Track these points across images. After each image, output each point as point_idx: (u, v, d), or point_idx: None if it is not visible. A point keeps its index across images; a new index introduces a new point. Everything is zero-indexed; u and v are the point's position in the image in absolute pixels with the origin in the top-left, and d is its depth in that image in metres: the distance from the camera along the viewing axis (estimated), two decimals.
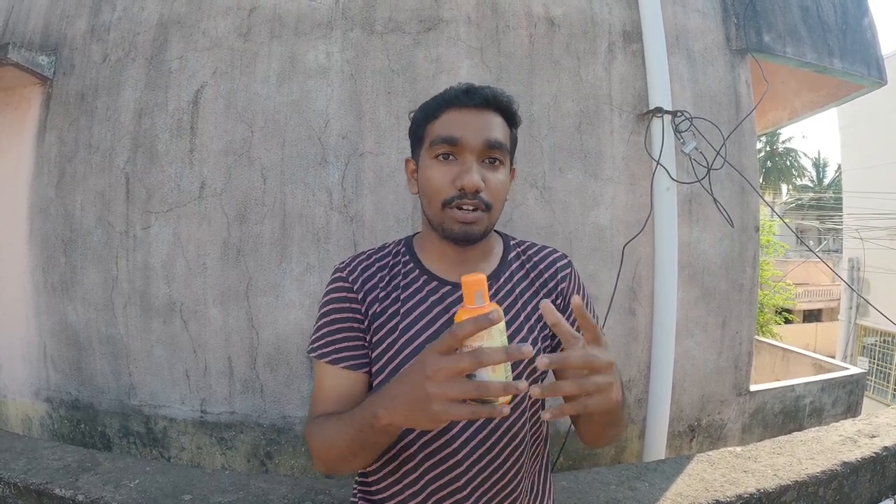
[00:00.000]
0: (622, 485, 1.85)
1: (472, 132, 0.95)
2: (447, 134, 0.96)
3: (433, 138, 0.98)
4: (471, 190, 0.94)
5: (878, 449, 2.00)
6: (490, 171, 0.97)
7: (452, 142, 0.95)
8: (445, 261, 1.04)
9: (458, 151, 0.96)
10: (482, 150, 0.96)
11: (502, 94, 1.00)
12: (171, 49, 2.61)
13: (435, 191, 0.97)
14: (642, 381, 2.63)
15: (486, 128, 0.96)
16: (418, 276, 1.04)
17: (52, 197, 2.77)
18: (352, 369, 1.00)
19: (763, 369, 5.20)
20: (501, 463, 0.98)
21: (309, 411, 1.04)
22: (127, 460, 1.99)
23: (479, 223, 0.96)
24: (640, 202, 2.60)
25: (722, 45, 2.89)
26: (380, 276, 1.04)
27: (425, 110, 1.02)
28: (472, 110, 0.97)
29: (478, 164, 0.96)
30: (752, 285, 2.91)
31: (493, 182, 0.97)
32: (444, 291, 1.02)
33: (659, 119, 2.55)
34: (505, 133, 1.00)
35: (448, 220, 0.97)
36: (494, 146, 0.96)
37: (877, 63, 3.40)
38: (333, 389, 0.99)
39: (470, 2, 2.50)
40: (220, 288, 2.48)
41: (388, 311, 1.01)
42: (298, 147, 2.44)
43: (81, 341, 2.71)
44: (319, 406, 1.00)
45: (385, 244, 1.12)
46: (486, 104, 0.98)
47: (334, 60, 2.46)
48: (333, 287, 1.05)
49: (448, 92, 1.00)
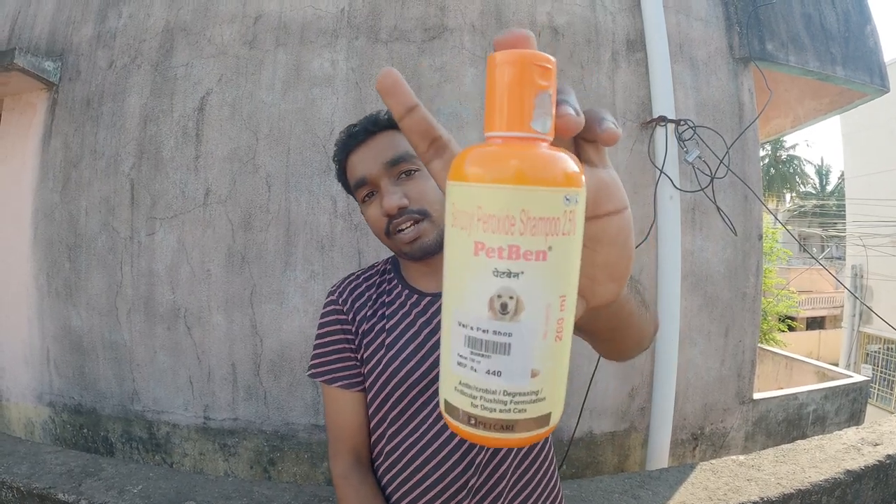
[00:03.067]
0: (625, 493, 1.85)
1: (370, 164, 0.98)
2: (356, 178, 1.00)
3: (353, 187, 1.03)
4: (392, 211, 0.96)
5: (881, 457, 2.00)
6: (408, 183, 0.98)
7: (363, 182, 0.99)
8: (422, 274, 1.06)
9: (373, 186, 0.99)
10: (389, 171, 0.98)
11: (379, 114, 1.03)
12: (176, 56, 2.63)
13: (375, 228, 1.01)
14: (645, 389, 2.63)
15: (381, 152, 0.99)
16: (401, 291, 1.07)
17: (56, 202, 2.78)
18: (346, 388, 1.04)
19: (766, 377, 5.19)
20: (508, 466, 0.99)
21: (329, 443, 1.07)
22: (130, 466, 1.99)
23: (424, 234, 0.97)
24: (644, 211, 2.61)
25: (725, 54, 2.90)
26: (367, 295, 1.09)
27: (337, 171, 1.07)
28: (363, 145, 1.00)
29: (393, 185, 0.98)
30: (755, 294, 2.90)
31: (414, 192, 0.98)
32: (425, 302, 1.03)
33: (662, 128, 2.56)
34: (406, 143, 1.01)
35: (399, 246, 0.99)
36: (396, 161, 0.98)
37: (879, 71, 3.40)
38: (343, 417, 1.05)
39: (474, 10, 2.52)
40: (224, 294, 2.49)
41: (375, 328, 1.04)
42: (303, 154, 2.45)
43: (85, 346, 2.71)
44: (337, 439, 1.05)
45: (376, 263, 1.16)
46: (370, 132, 1.00)
47: (339, 68, 2.47)
48: (326, 311, 1.10)
49: (338, 143, 1.05)
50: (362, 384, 1.05)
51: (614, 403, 2.58)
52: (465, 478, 0.97)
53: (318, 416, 2.42)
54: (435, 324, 1.02)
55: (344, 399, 1.04)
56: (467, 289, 0.31)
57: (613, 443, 2.62)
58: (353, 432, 1.04)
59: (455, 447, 0.98)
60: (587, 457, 2.59)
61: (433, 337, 1.01)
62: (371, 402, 1.03)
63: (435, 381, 0.99)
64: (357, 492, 1.00)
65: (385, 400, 1.01)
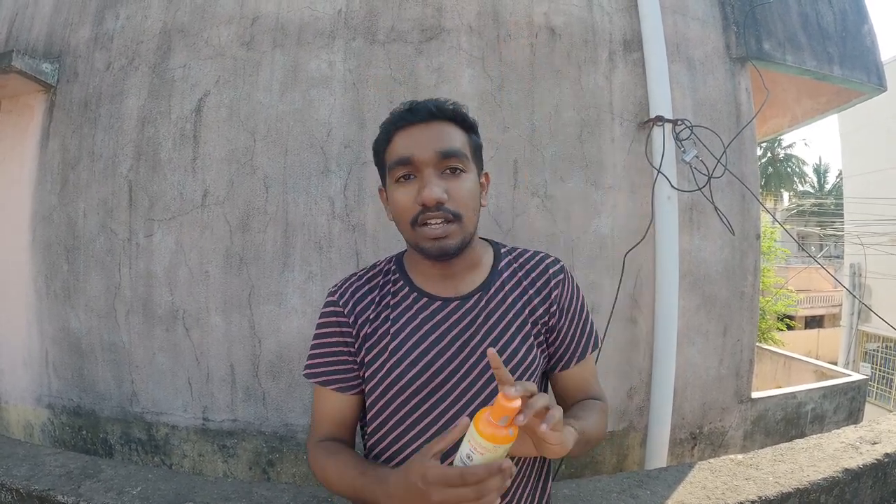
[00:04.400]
0: (624, 493, 1.85)
1: (423, 147, 0.94)
2: (399, 155, 0.96)
3: (390, 164, 0.98)
4: (431, 203, 0.92)
5: (879, 455, 2.00)
6: (452, 180, 0.95)
7: (406, 161, 0.95)
8: (433, 277, 1.04)
9: (415, 170, 0.95)
10: (438, 162, 0.95)
11: (446, 103, 0.99)
12: (174, 57, 2.63)
13: (401, 212, 0.97)
14: (644, 388, 2.63)
15: (436, 139, 0.95)
16: (408, 293, 1.04)
17: (55, 204, 2.78)
18: (341, 392, 1.03)
19: (765, 376, 5.19)
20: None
21: (310, 429, 1.07)
22: (129, 467, 1.98)
23: (451, 236, 0.95)
24: (641, 210, 2.61)
25: (722, 54, 2.90)
26: (370, 297, 1.05)
27: (377, 139, 1.03)
28: (420, 126, 0.96)
29: (437, 177, 0.94)
30: (753, 293, 2.91)
31: (456, 191, 0.95)
32: (434, 308, 1.02)
33: (660, 127, 2.56)
34: (461, 140, 0.99)
35: (420, 239, 0.96)
36: (449, 155, 0.95)
37: (876, 69, 3.41)
38: (327, 411, 1.04)
39: (471, 11, 2.52)
40: (222, 296, 2.49)
41: (379, 331, 1.02)
42: (301, 156, 2.45)
43: (83, 348, 2.71)
44: (317, 426, 1.05)
45: (377, 262, 1.13)
46: (432, 116, 0.97)
47: (337, 70, 2.48)
48: (325, 312, 1.07)
49: (393, 114, 1.00)
50: (357, 388, 1.04)
51: (613, 403, 2.58)
52: None
53: None
54: (443, 330, 1.00)
55: (335, 400, 1.04)
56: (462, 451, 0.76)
57: (612, 442, 2.62)
58: (338, 429, 1.04)
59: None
60: (585, 456, 2.59)
61: (440, 343, 0.99)
62: (372, 405, 1.02)
63: (438, 387, 0.98)
64: (327, 448, 0.99)
65: (387, 405, 1.00)
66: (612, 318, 2.51)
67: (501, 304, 1.04)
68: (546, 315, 1.06)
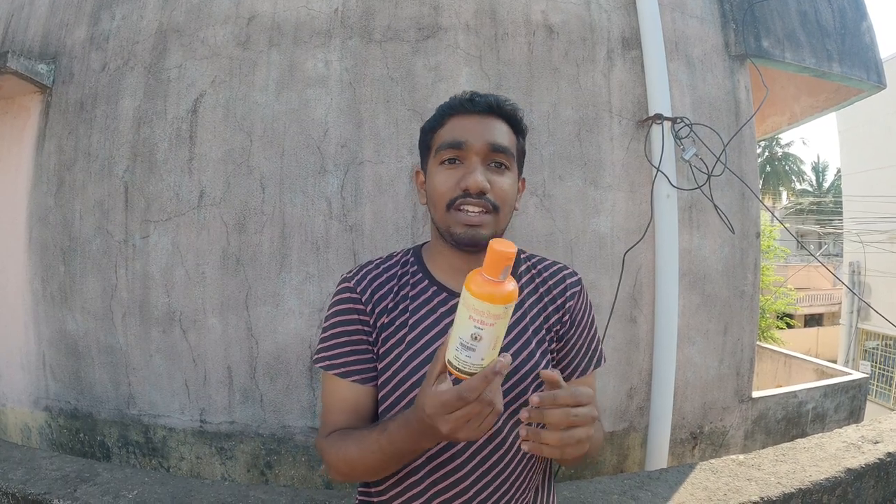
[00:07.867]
0: (624, 494, 1.84)
1: (476, 136, 0.96)
2: (451, 139, 0.97)
3: (438, 145, 0.99)
4: (475, 190, 0.94)
5: (881, 455, 1.99)
6: (496, 174, 0.97)
7: (457, 145, 0.96)
8: (454, 271, 1.03)
9: (463, 156, 0.96)
10: (487, 154, 0.96)
11: (506, 101, 1.00)
12: (169, 58, 2.61)
13: (440, 194, 0.98)
14: (644, 388, 2.62)
15: (489, 132, 0.97)
16: (427, 286, 1.03)
17: (51, 206, 2.77)
18: (361, 383, 0.99)
19: (765, 375, 5.19)
20: (507, 476, 0.97)
21: (321, 423, 1.03)
22: (126, 471, 1.97)
23: (485, 226, 0.96)
24: (641, 209, 2.60)
25: (721, 51, 2.89)
26: (389, 286, 1.03)
27: (431, 120, 1.03)
28: (476, 116, 0.98)
29: (483, 167, 0.96)
30: (753, 291, 2.90)
31: (499, 185, 0.97)
32: (453, 303, 1.00)
33: (658, 126, 2.55)
34: (510, 140, 1.00)
35: (453, 224, 0.96)
36: (499, 149, 0.97)
37: (875, 67, 3.40)
38: (344, 402, 0.99)
39: (469, 9, 2.51)
40: (219, 297, 2.48)
41: (397, 322, 1.00)
42: (297, 156, 2.44)
43: (80, 350, 2.70)
44: (331, 419, 0.99)
45: (393, 253, 1.11)
46: (490, 110, 0.98)
47: (333, 69, 2.46)
48: (341, 297, 1.03)
49: (452, 100, 1.01)
50: (376, 379, 1.00)
51: (613, 403, 2.57)
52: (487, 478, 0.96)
53: (314, 419, 2.40)
54: None
55: (357, 393, 0.99)
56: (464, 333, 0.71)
57: (612, 442, 2.61)
58: (357, 424, 0.98)
59: (478, 447, 0.96)
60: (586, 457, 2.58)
61: None
62: (384, 399, 0.98)
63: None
64: (341, 433, 0.95)
65: (400, 398, 0.97)
66: (612, 318, 2.49)
67: (519, 308, 1.03)
68: (558, 324, 1.06)
